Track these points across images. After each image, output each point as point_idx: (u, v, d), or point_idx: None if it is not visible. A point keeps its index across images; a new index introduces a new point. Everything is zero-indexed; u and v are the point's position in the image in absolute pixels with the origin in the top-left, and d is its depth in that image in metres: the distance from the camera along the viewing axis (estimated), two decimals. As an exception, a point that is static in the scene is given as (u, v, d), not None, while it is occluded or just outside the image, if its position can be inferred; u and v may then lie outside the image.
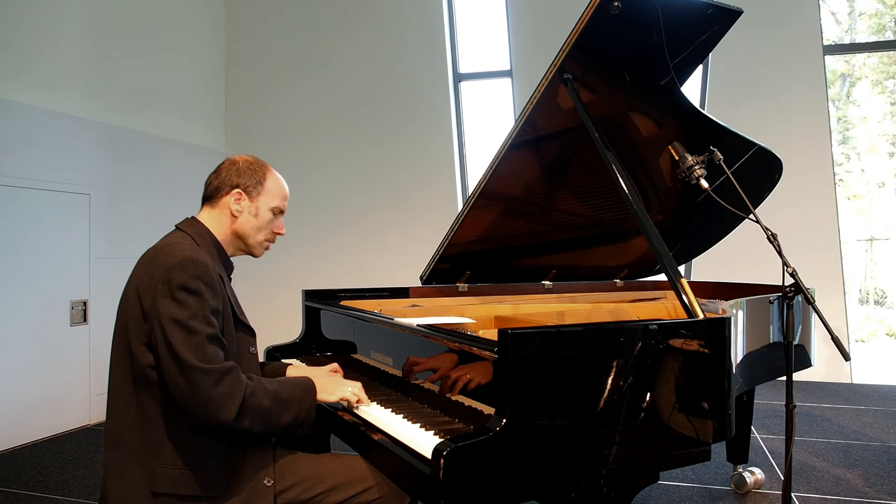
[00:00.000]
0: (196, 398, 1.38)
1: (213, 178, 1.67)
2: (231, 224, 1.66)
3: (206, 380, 1.37)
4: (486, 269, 2.77)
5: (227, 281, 1.65)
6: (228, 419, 1.39)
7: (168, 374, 1.40)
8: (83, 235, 4.55)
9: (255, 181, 1.66)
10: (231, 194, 1.65)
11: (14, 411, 4.00)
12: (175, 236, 1.58)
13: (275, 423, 1.49)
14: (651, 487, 3.04)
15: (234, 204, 1.65)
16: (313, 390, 1.59)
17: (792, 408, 1.74)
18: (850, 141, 10.26)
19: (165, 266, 1.44)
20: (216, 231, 1.65)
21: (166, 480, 1.44)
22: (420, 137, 6.27)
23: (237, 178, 1.65)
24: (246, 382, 1.45)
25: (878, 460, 3.51)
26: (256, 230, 1.69)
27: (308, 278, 6.34)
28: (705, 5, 2.18)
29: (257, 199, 1.67)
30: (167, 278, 1.42)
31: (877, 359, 7.97)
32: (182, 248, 1.49)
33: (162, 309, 1.41)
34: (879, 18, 9.79)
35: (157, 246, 1.55)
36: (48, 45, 4.47)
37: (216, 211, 1.66)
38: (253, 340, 1.68)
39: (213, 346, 1.42)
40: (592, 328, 1.57)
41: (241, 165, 1.67)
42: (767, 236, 1.86)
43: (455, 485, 1.27)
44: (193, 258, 1.46)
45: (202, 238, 1.60)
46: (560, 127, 2.37)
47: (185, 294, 1.42)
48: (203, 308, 1.43)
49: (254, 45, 6.66)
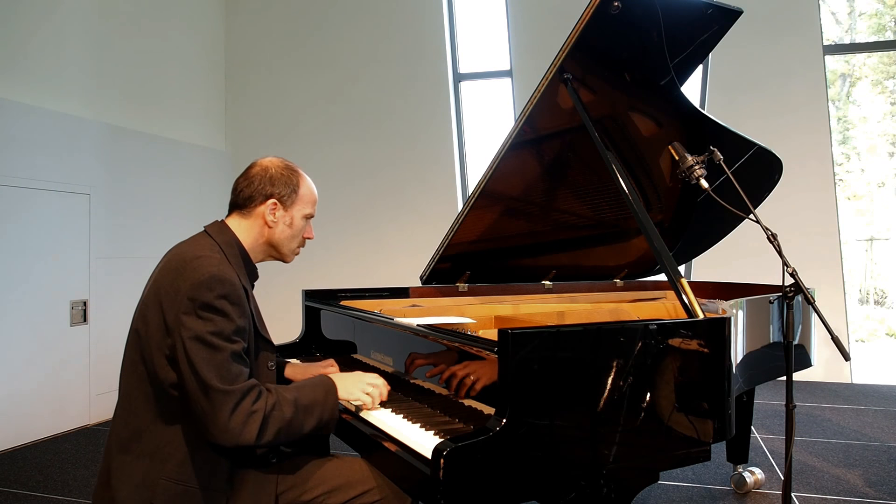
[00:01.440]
0: (217, 419, 1.35)
1: (245, 184, 1.61)
2: (265, 234, 1.63)
3: (227, 401, 1.35)
4: (486, 269, 2.77)
5: (251, 291, 1.62)
6: (250, 440, 1.37)
7: (190, 392, 1.38)
8: (83, 235, 4.55)
9: (289, 190, 1.62)
10: (266, 205, 1.60)
11: (14, 411, 4.00)
12: (203, 245, 1.53)
13: (298, 430, 1.47)
14: (651, 487, 3.04)
15: (270, 215, 1.60)
16: (334, 390, 1.57)
17: (792, 408, 1.74)
18: (850, 141, 10.26)
19: (193, 282, 1.41)
20: (246, 239, 1.61)
21: (167, 495, 1.42)
22: (420, 137, 6.27)
23: (271, 187, 1.60)
24: (266, 397, 1.43)
25: (878, 460, 3.51)
26: (291, 239, 1.66)
27: (308, 278, 6.33)
28: (705, 5, 2.18)
29: (292, 208, 1.63)
30: (193, 295, 1.39)
31: (877, 359, 7.97)
32: (210, 262, 1.45)
33: (186, 325, 1.38)
34: (879, 18, 9.79)
35: (183, 254, 1.50)
36: (48, 46, 4.47)
37: (249, 220, 1.61)
38: (272, 356, 1.65)
39: (237, 365, 1.40)
40: (592, 328, 1.57)
41: (273, 173, 1.61)
42: (767, 236, 1.86)
43: (455, 485, 1.27)
44: (221, 276, 1.42)
45: (230, 248, 1.56)
46: (560, 127, 2.37)
47: (210, 313, 1.39)
48: (229, 326, 1.41)
49: (254, 45, 6.66)
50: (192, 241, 1.57)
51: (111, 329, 4.60)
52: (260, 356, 1.59)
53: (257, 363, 1.57)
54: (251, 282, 1.64)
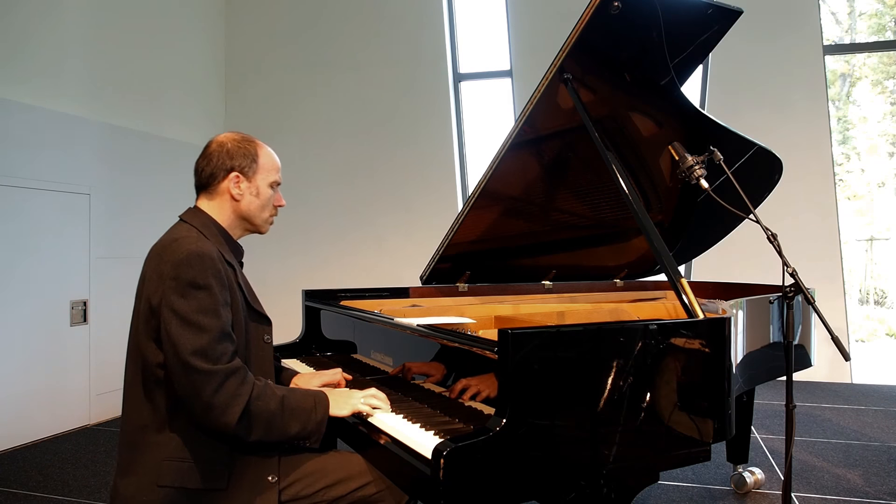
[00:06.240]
0: (198, 400, 1.37)
1: (204, 164, 1.62)
2: (235, 208, 1.63)
3: (209, 382, 1.37)
4: (487, 269, 2.77)
5: (239, 268, 1.63)
6: (230, 423, 1.38)
7: (173, 372, 1.40)
8: (83, 235, 4.55)
9: (248, 160, 1.62)
10: (228, 179, 1.61)
11: (14, 411, 4.00)
12: (180, 229, 1.56)
13: (280, 430, 1.47)
14: (651, 487, 3.04)
15: (234, 188, 1.61)
16: (325, 403, 1.57)
17: (792, 408, 1.74)
18: (850, 141, 10.26)
19: (173, 262, 1.43)
20: (220, 218, 1.62)
21: (173, 473, 1.43)
22: (420, 137, 6.27)
23: (230, 160, 1.61)
24: (253, 384, 1.44)
25: (878, 460, 3.51)
26: (261, 209, 1.66)
27: (308, 278, 6.34)
28: (705, 5, 2.18)
29: (255, 178, 1.63)
30: (175, 274, 1.41)
31: (877, 359, 7.97)
32: (188, 241, 1.47)
33: (171, 306, 1.40)
34: (879, 18, 9.78)
35: (163, 241, 1.53)
36: (49, 45, 4.47)
37: (216, 198, 1.63)
38: (268, 329, 1.65)
39: (223, 344, 1.41)
40: (592, 328, 1.57)
41: (230, 146, 1.62)
42: (767, 236, 1.86)
43: (455, 485, 1.27)
44: (200, 252, 1.44)
45: (208, 228, 1.58)
46: (560, 127, 2.37)
47: (193, 290, 1.41)
48: (214, 303, 1.42)
49: (254, 45, 6.66)
50: (170, 230, 1.58)
51: (111, 329, 4.59)
52: (254, 330, 1.60)
53: (252, 337, 1.58)
54: (238, 259, 1.65)
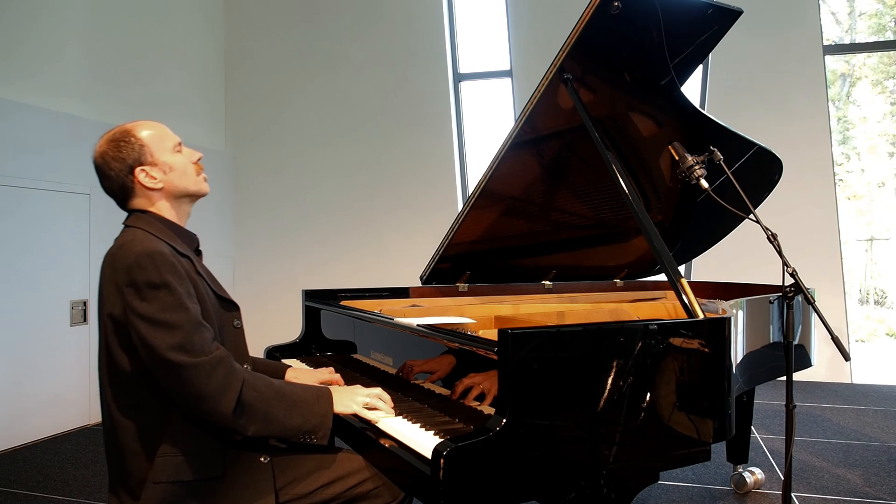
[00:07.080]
0: (189, 392, 1.36)
1: (108, 183, 1.55)
2: (164, 194, 1.58)
3: (196, 374, 1.35)
4: (487, 269, 2.77)
5: (196, 258, 1.60)
6: (226, 411, 1.38)
7: (157, 374, 1.38)
8: (83, 235, 4.55)
9: (136, 150, 1.54)
10: (136, 177, 1.54)
11: (14, 411, 4.00)
12: (126, 235, 1.52)
13: (280, 423, 1.46)
14: (651, 487, 3.04)
15: (148, 181, 1.55)
16: (329, 397, 1.55)
17: (792, 408, 1.74)
18: (850, 141, 10.26)
19: (124, 268, 1.40)
20: (160, 210, 1.58)
21: (167, 469, 1.42)
22: (420, 137, 6.27)
23: (122, 162, 1.52)
24: (242, 371, 1.44)
25: (878, 460, 3.51)
26: (182, 177, 1.60)
27: (308, 278, 6.34)
28: (705, 5, 2.18)
29: (155, 157, 1.56)
30: (129, 280, 1.38)
31: (877, 359, 7.97)
32: (134, 244, 1.43)
33: (136, 311, 1.37)
34: (879, 18, 9.79)
35: (111, 250, 1.49)
36: (49, 46, 4.47)
37: (143, 198, 1.57)
38: (237, 314, 1.63)
39: (199, 334, 1.39)
40: (592, 328, 1.56)
41: (111, 152, 1.53)
42: (767, 236, 1.86)
43: (455, 485, 1.27)
44: (148, 251, 1.41)
45: (153, 226, 1.53)
46: (560, 127, 2.37)
47: (152, 290, 1.38)
48: (176, 298, 1.39)
49: (254, 46, 6.66)
50: (117, 238, 1.54)
51: (111, 329, 4.59)
52: (223, 316, 1.58)
53: (221, 323, 1.56)
54: (193, 249, 1.61)
